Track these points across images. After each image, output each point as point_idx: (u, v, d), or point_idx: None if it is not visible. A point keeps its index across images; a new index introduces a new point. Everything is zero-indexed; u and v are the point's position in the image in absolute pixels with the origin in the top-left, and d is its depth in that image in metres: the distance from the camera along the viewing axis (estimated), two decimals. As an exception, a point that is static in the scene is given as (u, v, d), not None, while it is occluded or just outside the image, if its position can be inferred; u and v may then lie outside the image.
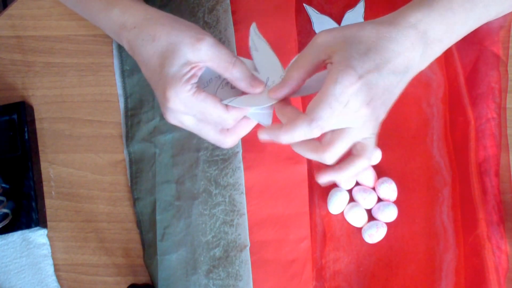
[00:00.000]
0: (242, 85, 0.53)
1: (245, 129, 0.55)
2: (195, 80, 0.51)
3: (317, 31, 0.66)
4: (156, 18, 0.53)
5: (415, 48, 0.47)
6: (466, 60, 0.64)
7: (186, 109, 0.51)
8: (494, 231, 0.61)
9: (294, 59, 0.51)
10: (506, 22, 0.64)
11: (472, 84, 0.64)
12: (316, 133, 0.47)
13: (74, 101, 0.67)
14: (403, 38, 0.47)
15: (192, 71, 0.51)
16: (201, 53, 0.51)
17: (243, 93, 0.54)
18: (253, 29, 0.55)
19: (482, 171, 0.62)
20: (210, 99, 0.51)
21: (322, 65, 0.49)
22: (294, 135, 0.48)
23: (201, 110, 0.51)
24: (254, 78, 0.53)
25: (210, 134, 0.54)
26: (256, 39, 0.54)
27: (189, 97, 0.51)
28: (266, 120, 0.54)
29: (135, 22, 0.53)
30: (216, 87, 0.55)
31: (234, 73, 0.52)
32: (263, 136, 0.50)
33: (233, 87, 0.55)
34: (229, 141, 0.54)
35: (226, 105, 0.52)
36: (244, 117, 0.54)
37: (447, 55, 0.64)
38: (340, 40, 0.47)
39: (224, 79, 0.54)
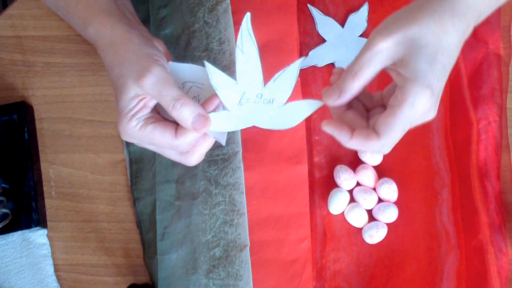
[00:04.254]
0: (186, 125, 0.50)
1: (205, 146, 0.53)
2: (144, 111, 0.50)
3: (320, 32, 0.66)
4: (118, 44, 0.51)
5: (469, 29, 0.46)
6: (471, 61, 0.64)
7: (138, 141, 0.51)
8: (496, 234, 0.61)
9: (349, 64, 0.47)
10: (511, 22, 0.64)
11: (474, 85, 0.64)
12: (386, 152, 0.47)
13: (74, 101, 0.67)
14: (464, 25, 0.45)
15: (141, 104, 0.50)
16: (145, 89, 0.49)
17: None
18: (246, 23, 0.49)
19: (483, 173, 0.62)
20: (157, 130, 0.50)
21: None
22: (363, 148, 0.47)
23: (150, 141, 0.51)
24: (198, 119, 0.50)
25: (172, 157, 0.53)
26: (245, 39, 0.50)
27: (136, 132, 0.50)
28: (222, 138, 0.53)
29: (102, 45, 0.52)
30: (192, 95, 0.54)
31: (177, 114, 0.49)
32: (326, 130, 0.48)
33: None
34: (192, 160, 0.53)
35: (175, 132, 0.50)
36: (204, 134, 0.52)
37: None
38: (405, 45, 0.44)
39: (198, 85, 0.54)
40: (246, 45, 0.49)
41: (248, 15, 0.49)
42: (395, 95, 0.45)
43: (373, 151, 0.48)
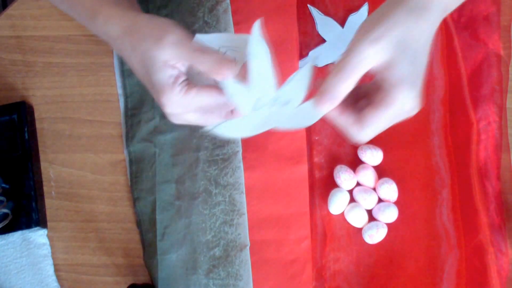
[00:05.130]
0: (211, 71, 0.49)
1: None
2: (182, 78, 0.49)
3: (320, 32, 0.66)
4: (132, 25, 0.51)
5: (438, 21, 0.48)
6: (471, 61, 0.64)
7: (184, 109, 0.50)
8: (496, 234, 0.61)
9: (334, 69, 0.47)
10: None
11: (474, 85, 0.64)
12: (364, 141, 0.49)
13: (74, 101, 0.67)
14: (437, 19, 0.47)
15: (175, 70, 0.49)
16: (166, 49, 0.48)
17: None
18: (256, 30, 0.48)
19: (483, 173, 0.62)
20: (203, 91, 0.49)
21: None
22: (345, 129, 0.49)
23: (198, 105, 0.50)
24: (221, 61, 0.49)
25: (217, 122, 0.52)
26: (257, 44, 0.49)
27: (182, 98, 0.49)
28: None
29: (116, 31, 0.52)
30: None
31: (199, 62, 0.49)
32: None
33: None
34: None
35: (221, 89, 0.49)
36: None
37: (451, 56, 0.64)
38: (391, 49, 0.45)
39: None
40: (258, 51, 0.49)
41: (258, 22, 0.48)
42: (381, 95, 0.46)
43: (352, 136, 0.49)
